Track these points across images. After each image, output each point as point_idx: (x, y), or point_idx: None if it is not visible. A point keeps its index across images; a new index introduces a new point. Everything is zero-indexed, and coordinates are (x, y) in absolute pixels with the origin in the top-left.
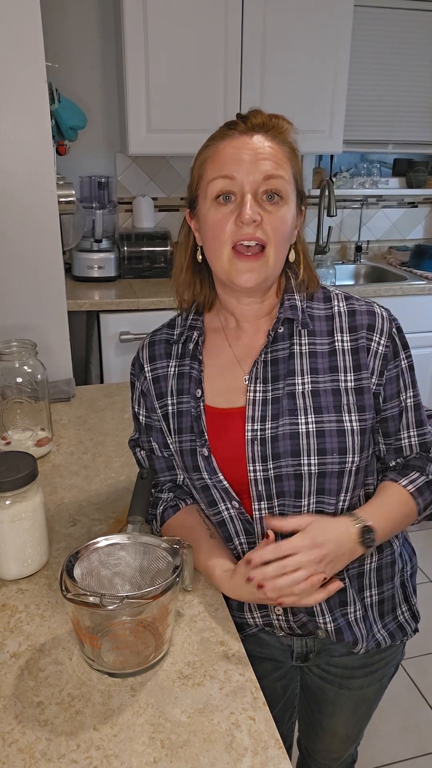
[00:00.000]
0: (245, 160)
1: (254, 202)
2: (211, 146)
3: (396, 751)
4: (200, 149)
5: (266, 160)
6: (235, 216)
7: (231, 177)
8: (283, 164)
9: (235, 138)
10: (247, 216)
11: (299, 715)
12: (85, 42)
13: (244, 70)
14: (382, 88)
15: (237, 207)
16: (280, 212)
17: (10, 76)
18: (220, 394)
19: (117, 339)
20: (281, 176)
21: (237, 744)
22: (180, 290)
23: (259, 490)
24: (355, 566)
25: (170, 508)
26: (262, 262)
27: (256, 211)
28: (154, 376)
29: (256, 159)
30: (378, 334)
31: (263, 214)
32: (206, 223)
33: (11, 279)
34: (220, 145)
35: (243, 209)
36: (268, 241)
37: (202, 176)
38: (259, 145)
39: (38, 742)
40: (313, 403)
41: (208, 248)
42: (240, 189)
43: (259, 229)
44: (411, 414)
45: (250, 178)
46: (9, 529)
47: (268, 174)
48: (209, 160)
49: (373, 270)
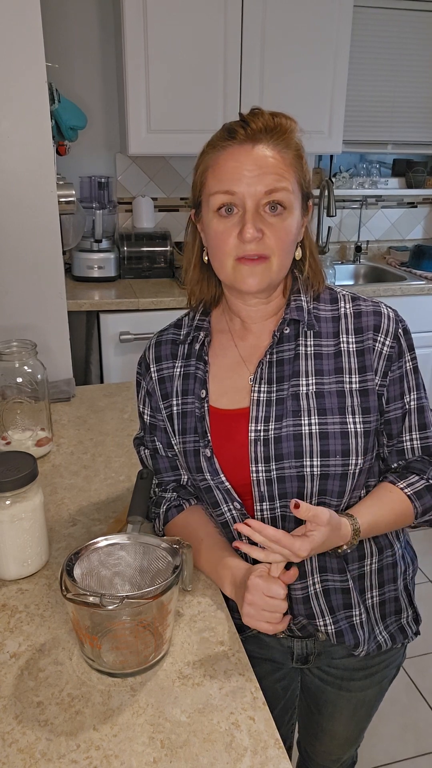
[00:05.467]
0: (246, 175)
1: (256, 216)
2: (210, 155)
3: (395, 751)
4: (201, 153)
5: (268, 174)
6: (238, 230)
7: (231, 192)
8: (286, 174)
9: (235, 149)
10: (248, 235)
11: (299, 717)
12: (85, 42)
13: (243, 70)
14: (382, 89)
15: (239, 221)
16: (284, 223)
17: (10, 77)
18: (225, 394)
19: (117, 339)
20: (284, 188)
21: (237, 744)
22: (190, 286)
23: (262, 491)
24: (356, 567)
25: (174, 507)
26: (266, 267)
27: (258, 228)
28: (160, 376)
29: (258, 173)
30: (383, 334)
31: (265, 228)
32: (209, 233)
33: (11, 279)
34: (221, 157)
35: (244, 228)
36: (272, 253)
37: (204, 185)
38: (261, 155)
39: (38, 742)
40: (318, 405)
41: (212, 255)
42: (242, 202)
43: (261, 245)
44: (414, 417)
45: (251, 190)
46: (9, 529)
47: (270, 188)
48: (210, 172)
49: (372, 270)
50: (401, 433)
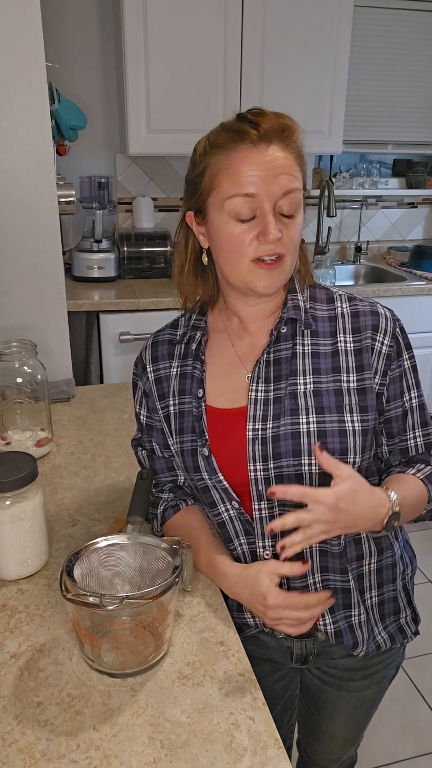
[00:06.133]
0: (263, 177)
1: (275, 218)
2: (221, 156)
3: (395, 751)
4: (205, 153)
5: (283, 175)
6: (256, 232)
7: (252, 195)
8: (296, 173)
9: (250, 151)
10: (271, 236)
11: (299, 717)
12: (85, 42)
13: (243, 70)
14: (382, 89)
15: (257, 223)
16: (296, 222)
17: (10, 77)
18: (223, 393)
19: (117, 339)
20: (297, 188)
21: (236, 744)
22: (184, 290)
23: (260, 490)
24: (355, 567)
25: (171, 508)
26: (281, 269)
27: (278, 228)
28: (157, 376)
29: (273, 174)
30: (382, 334)
31: (282, 229)
32: (221, 236)
33: (11, 279)
34: (235, 158)
35: (267, 228)
36: (287, 252)
37: (217, 188)
38: (274, 157)
39: (38, 743)
40: (315, 404)
41: (224, 259)
42: (260, 206)
43: (279, 244)
44: (416, 414)
45: (270, 192)
46: (9, 530)
47: (286, 189)
48: (224, 174)
49: (372, 270)
50: (403, 431)
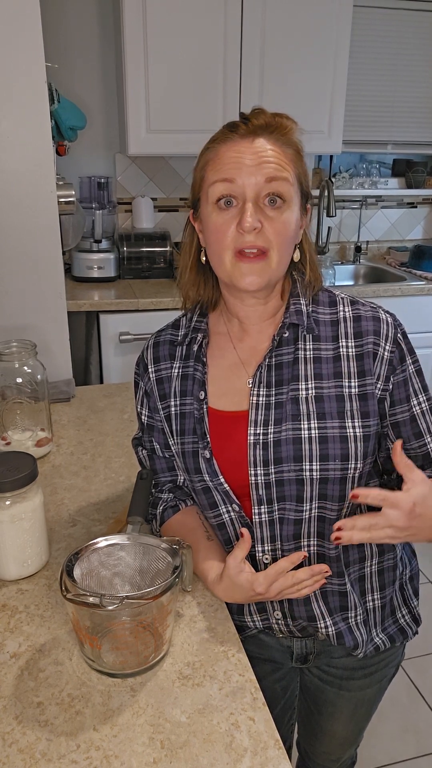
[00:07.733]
0: (246, 164)
1: (255, 208)
2: (211, 149)
3: (395, 751)
4: (202, 151)
5: (268, 163)
6: (237, 222)
7: (231, 180)
8: (287, 166)
9: (236, 141)
10: (247, 224)
11: (299, 717)
12: (85, 42)
13: (243, 70)
14: (382, 89)
15: (238, 212)
16: (283, 216)
17: (10, 77)
18: (224, 395)
19: (117, 339)
20: (284, 178)
21: (237, 744)
22: (185, 289)
23: (260, 494)
24: (356, 569)
25: (170, 508)
26: (265, 264)
27: (257, 218)
28: (158, 377)
29: (257, 162)
30: (384, 339)
31: (264, 221)
32: (208, 227)
33: (11, 279)
34: (221, 149)
35: (243, 217)
36: (270, 247)
37: (204, 179)
38: (261, 148)
39: (38, 743)
40: (317, 409)
41: (211, 252)
42: (241, 193)
43: (260, 237)
44: (429, 418)
45: (251, 180)
46: (9, 530)
47: (270, 176)
48: (210, 164)
49: (372, 270)
50: (419, 436)
